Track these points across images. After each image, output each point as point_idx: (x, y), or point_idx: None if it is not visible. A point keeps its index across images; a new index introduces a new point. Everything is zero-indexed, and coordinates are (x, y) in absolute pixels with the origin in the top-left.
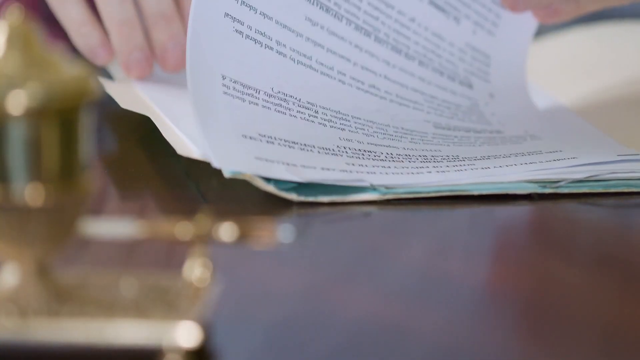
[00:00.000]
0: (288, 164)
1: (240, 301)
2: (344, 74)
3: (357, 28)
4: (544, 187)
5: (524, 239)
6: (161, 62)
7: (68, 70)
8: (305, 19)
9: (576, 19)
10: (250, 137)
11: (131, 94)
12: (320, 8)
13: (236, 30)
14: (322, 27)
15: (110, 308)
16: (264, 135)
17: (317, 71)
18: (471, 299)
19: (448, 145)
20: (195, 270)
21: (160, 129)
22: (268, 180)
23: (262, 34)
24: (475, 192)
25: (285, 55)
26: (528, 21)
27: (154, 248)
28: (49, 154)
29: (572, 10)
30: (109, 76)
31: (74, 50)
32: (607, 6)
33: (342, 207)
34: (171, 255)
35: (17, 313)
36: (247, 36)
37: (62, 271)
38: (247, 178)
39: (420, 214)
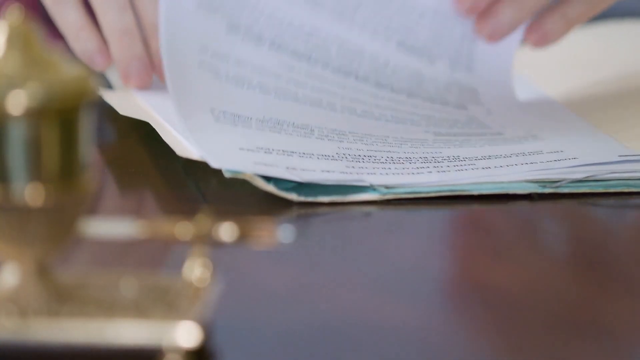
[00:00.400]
0: (287, 167)
1: (240, 301)
2: (334, 104)
3: (335, 70)
4: (544, 187)
5: (523, 239)
6: (159, 73)
7: (68, 70)
8: (280, 64)
9: None
10: (248, 149)
11: (130, 101)
12: (291, 54)
13: (215, 76)
14: (299, 72)
15: (110, 308)
16: (262, 147)
17: (306, 103)
18: (472, 299)
19: (449, 148)
20: (195, 270)
21: (160, 133)
22: (268, 180)
23: (241, 78)
24: (475, 192)
25: (269, 93)
26: (506, 44)
27: (154, 248)
28: (49, 154)
29: (562, 28)
30: (107, 83)
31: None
32: (596, 14)
33: (342, 207)
34: (171, 255)
35: (17, 313)
36: (227, 79)
37: (62, 271)
38: (247, 178)
39: (420, 214)
